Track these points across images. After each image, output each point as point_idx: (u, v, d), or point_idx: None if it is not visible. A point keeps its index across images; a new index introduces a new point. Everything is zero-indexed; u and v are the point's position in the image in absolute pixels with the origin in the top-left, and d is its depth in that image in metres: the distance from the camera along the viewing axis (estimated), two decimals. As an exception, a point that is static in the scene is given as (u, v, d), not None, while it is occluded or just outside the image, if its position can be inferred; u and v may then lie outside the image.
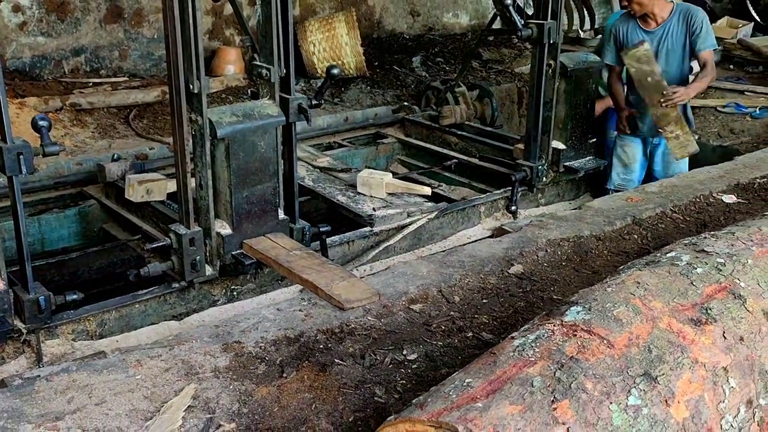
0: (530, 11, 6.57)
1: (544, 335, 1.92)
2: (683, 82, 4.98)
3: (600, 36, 8.48)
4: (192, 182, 3.52)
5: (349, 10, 6.89)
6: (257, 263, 3.64)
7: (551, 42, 4.59)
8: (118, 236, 4.52)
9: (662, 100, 4.74)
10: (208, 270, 3.63)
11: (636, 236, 3.95)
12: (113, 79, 6.52)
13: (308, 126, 6.00)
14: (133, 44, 6.68)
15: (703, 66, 4.89)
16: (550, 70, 4.69)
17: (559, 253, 3.72)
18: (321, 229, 4.00)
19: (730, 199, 4.37)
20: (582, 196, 5.50)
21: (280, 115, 3.57)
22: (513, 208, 4.87)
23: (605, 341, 1.88)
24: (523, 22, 4.68)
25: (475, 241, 4.57)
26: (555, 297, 3.31)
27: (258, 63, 3.65)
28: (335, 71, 3.78)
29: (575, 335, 1.90)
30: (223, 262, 3.63)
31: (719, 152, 6.30)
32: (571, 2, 8.47)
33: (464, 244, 4.15)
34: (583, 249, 3.77)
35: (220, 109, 3.52)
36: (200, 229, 3.54)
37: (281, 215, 3.74)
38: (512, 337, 1.98)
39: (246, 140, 3.48)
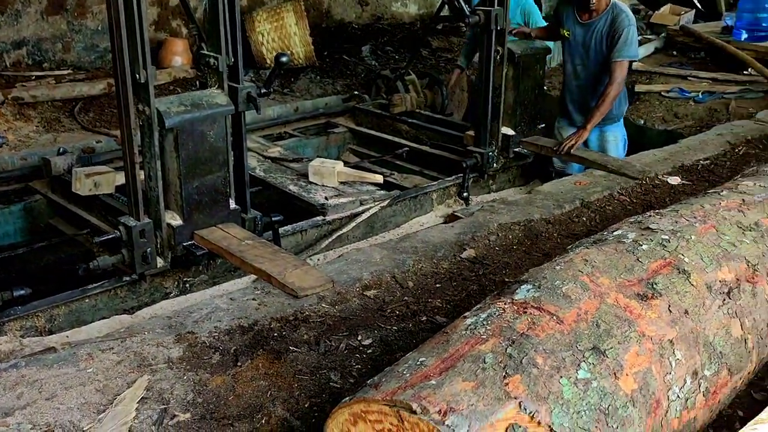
0: None
1: (495, 313, 1.95)
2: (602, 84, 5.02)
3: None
4: (141, 174, 3.48)
5: (298, 0, 6.85)
6: (209, 254, 3.61)
7: (498, 28, 4.63)
8: (65, 231, 4.44)
9: (559, 151, 4.79)
10: (160, 262, 3.59)
11: (585, 218, 4.02)
12: (57, 72, 6.39)
13: (258, 116, 6.01)
14: (76, 36, 6.55)
15: (610, 76, 4.82)
16: (498, 57, 4.73)
17: (510, 236, 3.77)
18: (273, 219, 3.98)
19: (674, 180, 4.47)
20: (532, 182, 5.56)
21: (229, 104, 3.54)
22: (465, 194, 4.91)
23: (555, 317, 1.91)
24: (470, 9, 4.71)
25: (425, 229, 4.60)
26: (507, 280, 3.34)
27: (205, 52, 3.61)
28: (284, 59, 3.76)
29: (526, 312, 1.93)
30: (174, 254, 3.59)
31: (664, 136, 6.42)
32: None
33: (416, 232, 4.17)
34: (533, 232, 3.82)
35: (168, 99, 3.47)
36: (150, 221, 3.49)
37: (232, 205, 3.71)
38: (464, 317, 2.01)
39: (195, 130, 3.44)
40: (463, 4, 4.71)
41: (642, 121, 6.65)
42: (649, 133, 6.59)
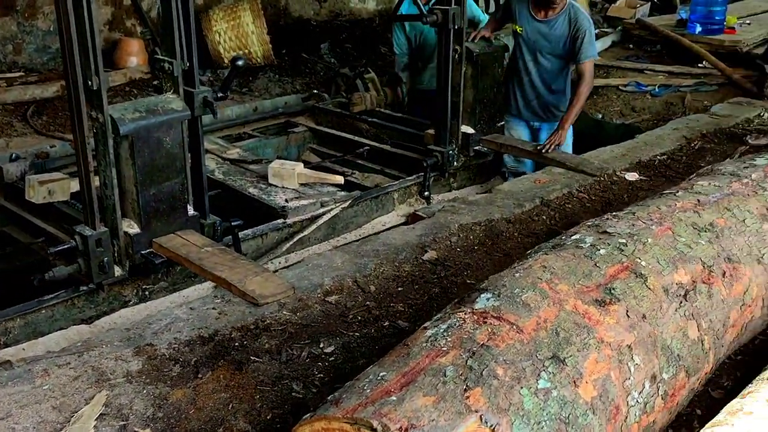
0: None
1: (455, 324, 1.94)
2: (562, 83, 5.05)
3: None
4: (96, 181, 3.41)
5: (255, -2, 6.79)
6: (169, 261, 3.56)
7: (456, 27, 4.62)
8: (20, 239, 4.35)
9: (541, 151, 4.78)
10: (118, 271, 3.53)
11: (545, 217, 4.04)
12: (8, 75, 6.24)
13: (216, 118, 5.95)
14: (27, 37, 6.41)
15: (580, 76, 4.88)
16: (457, 56, 4.73)
17: (471, 237, 3.78)
18: (233, 224, 3.94)
19: (632, 176, 4.52)
20: (493, 179, 5.58)
21: (185, 109, 3.49)
22: (426, 193, 4.91)
23: (515, 327, 1.92)
24: (428, 8, 4.70)
25: (390, 228, 4.60)
26: (468, 281, 3.36)
27: (160, 56, 3.55)
28: (240, 62, 3.72)
29: (486, 322, 1.93)
30: (132, 262, 3.53)
31: (622, 130, 6.49)
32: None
33: (378, 233, 4.17)
34: (494, 232, 3.83)
35: (122, 106, 3.41)
36: (107, 229, 3.43)
37: (191, 211, 3.66)
38: (425, 327, 2.00)
39: (151, 137, 3.38)
40: (420, 3, 4.70)
41: (600, 116, 6.72)
42: (607, 127, 6.66)
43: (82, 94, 3.20)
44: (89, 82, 3.18)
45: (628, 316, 2.08)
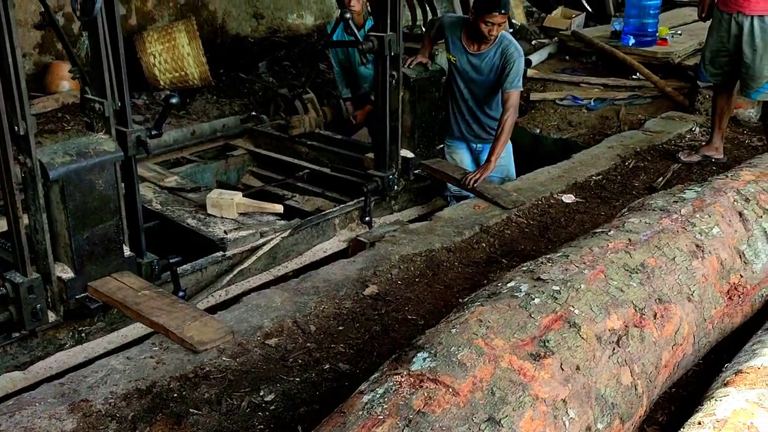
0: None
1: (391, 388, 1.94)
2: (494, 113, 5.06)
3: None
4: (27, 226, 3.32)
5: (189, 18, 6.68)
6: (104, 305, 3.49)
7: (392, 54, 4.63)
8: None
9: (464, 184, 4.76)
10: (52, 316, 3.45)
11: (484, 244, 4.08)
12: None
13: (149, 155, 5.85)
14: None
15: (504, 106, 4.84)
16: (394, 81, 4.74)
17: (412, 268, 3.79)
18: (171, 261, 3.88)
19: (569, 199, 4.59)
20: (434, 200, 5.60)
21: (117, 150, 3.42)
22: (367, 218, 4.91)
23: (450, 390, 1.92)
24: (364, 35, 4.71)
25: (331, 255, 4.59)
26: (410, 317, 3.37)
27: (90, 96, 3.48)
28: (174, 100, 3.66)
29: (422, 386, 1.93)
30: (67, 307, 3.45)
31: (559, 144, 6.59)
32: (414, 0, 8.58)
33: (319, 264, 4.14)
34: (435, 262, 3.85)
35: (51, 149, 3.33)
36: (39, 275, 3.34)
37: (127, 252, 3.60)
38: (361, 392, 1.99)
39: (82, 180, 3.31)
40: (355, 30, 4.70)
41: (538, 130, 6.80)
42: (545, 142, 6.74)
43: (8, 139, 3.11)
44: (16, 128, 3.09)
45: (563, 369, 2.11)
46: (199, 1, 7.45)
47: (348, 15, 4.71)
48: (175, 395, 2.80)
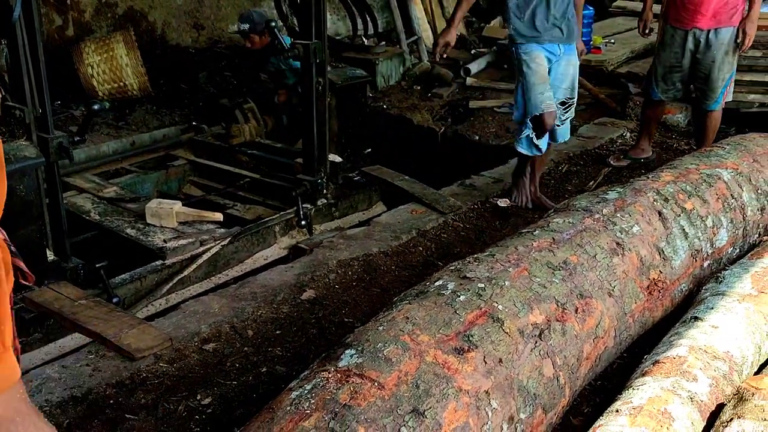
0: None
1: (319, 384, 2.00)
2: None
3: (383, 43, 8.80)
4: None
5: (128, 29, 6.65)
6: (41, 315, 3.47)
7: (318, 61, 4.70)
8: None
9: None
10: (-15, 328, 3.42)
11: (421, 248, 4.17)
12: None
13: (93, 153, 5.83)
14: None
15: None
16: (320, 88, 4.80)
17: (349, 273, 3.85)
18: (97, 265, 3.86)
19: (504, 203, 4.71)
20: (375, 205, 5.68)
21: (38, 156, 3.43)
22: (303, 223, 4.95)
23: (376, 383, 1.99)
24: (290, 43, 4.79)
25: (270, 262, 4.62)
26: (346, 320, 3.44)
27: (10, 103, 3.48)
28: (96, 107, 3.73)
29: (348, 381, 2.00)
30: (1, 319, 3.42)
31: (499, 150, 6.73)
32: (353, 8, 8.67)
33: (257, 272, 4.18)
34: (372, 267, 3.92)
35: (-24, 157, 3.31)
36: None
37: (51, 257, 3.60)
38: (290, 389, 2.05)
39: (5, 186, 3.30)
40: (281, 38, 4.77)
41: (477, 137, 6.93)
42: (485, 149, 6.88)
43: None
44: (-59, 137, 3.09)
45: (486, 362, 2.20)
46: (137, 12, 7.41)
47: (273, 23, 4.78)
48: (111, 402, 2.82)
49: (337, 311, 3.50)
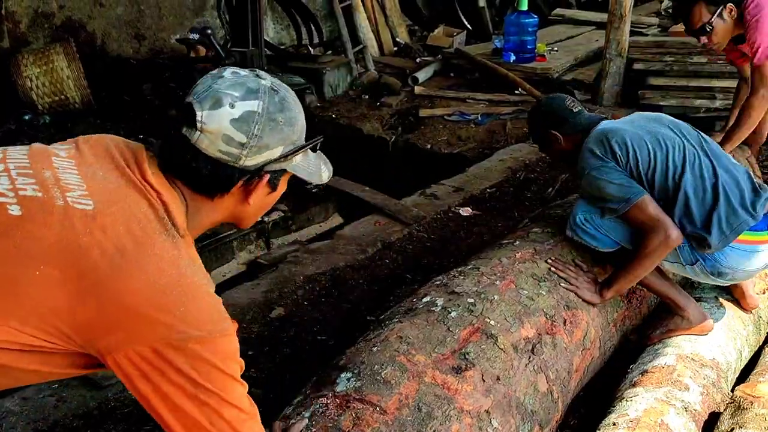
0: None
1: (318, 411, 1.91)
2: None
3: (329, 52, 8.72)
4: None
5: (68, 40, 6.41)
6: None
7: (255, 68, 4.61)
8: None
9: None
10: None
11: (388, 261, 4.09)
12: None
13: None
14: None
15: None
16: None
17: (317, 288, 3.75)
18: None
19: (466, 212, 4.68)
20: (331, 217, 5.58)
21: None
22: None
23: (378, 408, 1.91)
24: (226, 51, 4.71)
25: (229, 279, 4.49)
26: (319, 337, 3.34)
27: None
28: (27, 117, 3.59)
29: (349, 406, 1.91)
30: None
31: (452, 158, 6.71)
32: (297, 17, 8.57)
33: (219, 292, 4.04)
34: (339, 281, 3.83)
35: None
36: None
37: None
38: (286, 416, 1.95)
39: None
40: (217, 46, 4.68)
41: (429, 146, 6.90)
42: (439, 157, 6.86)
43: None
44: None
45: (484, 380, 2.14)
46: (76, 23, 7.16)
47: (209, 31, 4.70)
48: (79, 434, 2.66)
49: (309, 329, 3.40)
